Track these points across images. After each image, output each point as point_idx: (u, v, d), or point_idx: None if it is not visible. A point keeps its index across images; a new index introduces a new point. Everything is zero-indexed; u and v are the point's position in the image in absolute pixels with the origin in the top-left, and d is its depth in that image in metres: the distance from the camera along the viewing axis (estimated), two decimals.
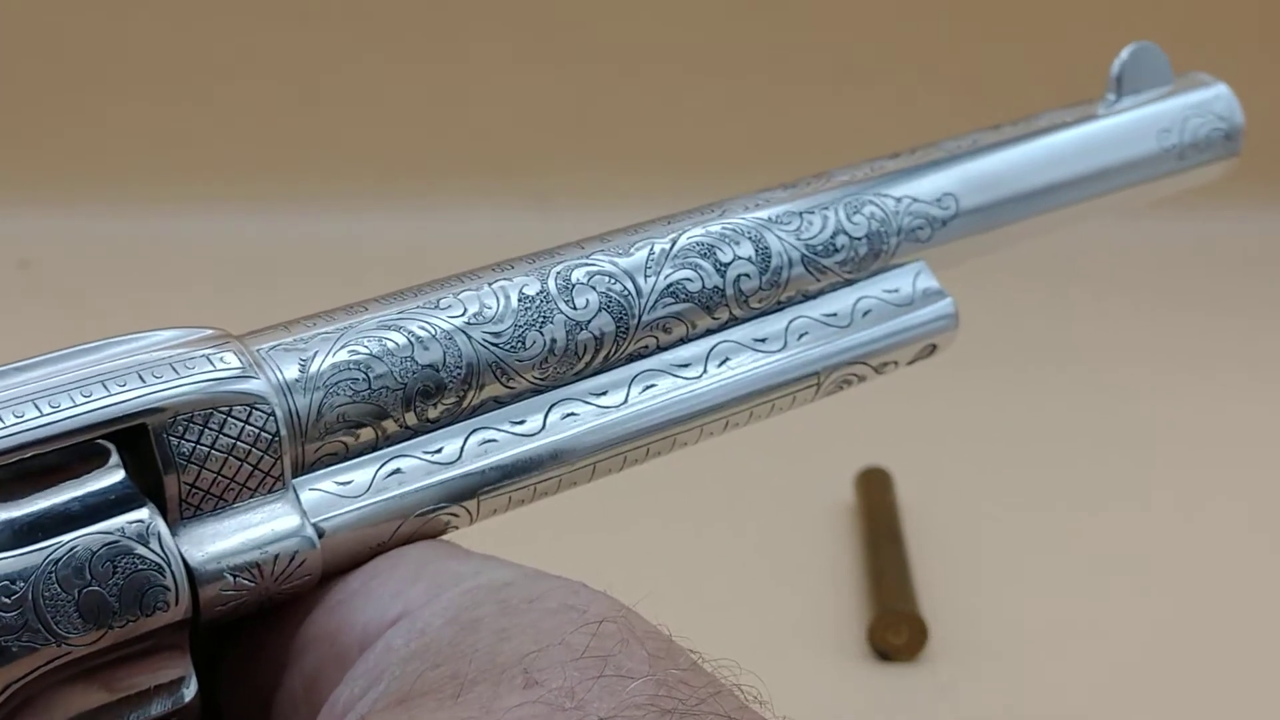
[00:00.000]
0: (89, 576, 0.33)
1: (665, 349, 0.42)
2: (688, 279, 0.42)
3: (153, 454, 0.34)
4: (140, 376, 0.34)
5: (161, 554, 0.33)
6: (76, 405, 0.34)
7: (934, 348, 0.46)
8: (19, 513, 0.33)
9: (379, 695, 0.33)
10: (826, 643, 0.33)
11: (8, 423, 0.33)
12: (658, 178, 1.14)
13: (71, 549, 0.32)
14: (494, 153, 1.17)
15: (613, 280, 0.41)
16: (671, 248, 0.42)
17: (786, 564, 0.41)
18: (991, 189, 0.47)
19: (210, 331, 0.36)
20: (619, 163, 1.17)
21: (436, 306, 0.39)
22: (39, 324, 1.00)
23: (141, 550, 0.33)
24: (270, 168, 1.17)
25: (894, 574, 0.74)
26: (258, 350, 0.37)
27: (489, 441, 0.39)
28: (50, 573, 0.32)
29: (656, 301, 0.41)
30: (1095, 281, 1.11)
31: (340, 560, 0.36)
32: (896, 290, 0.45)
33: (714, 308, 0.42)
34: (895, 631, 0.69)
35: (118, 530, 0.33)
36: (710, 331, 0.42)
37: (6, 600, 0.32)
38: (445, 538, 0.39)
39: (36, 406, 0.33)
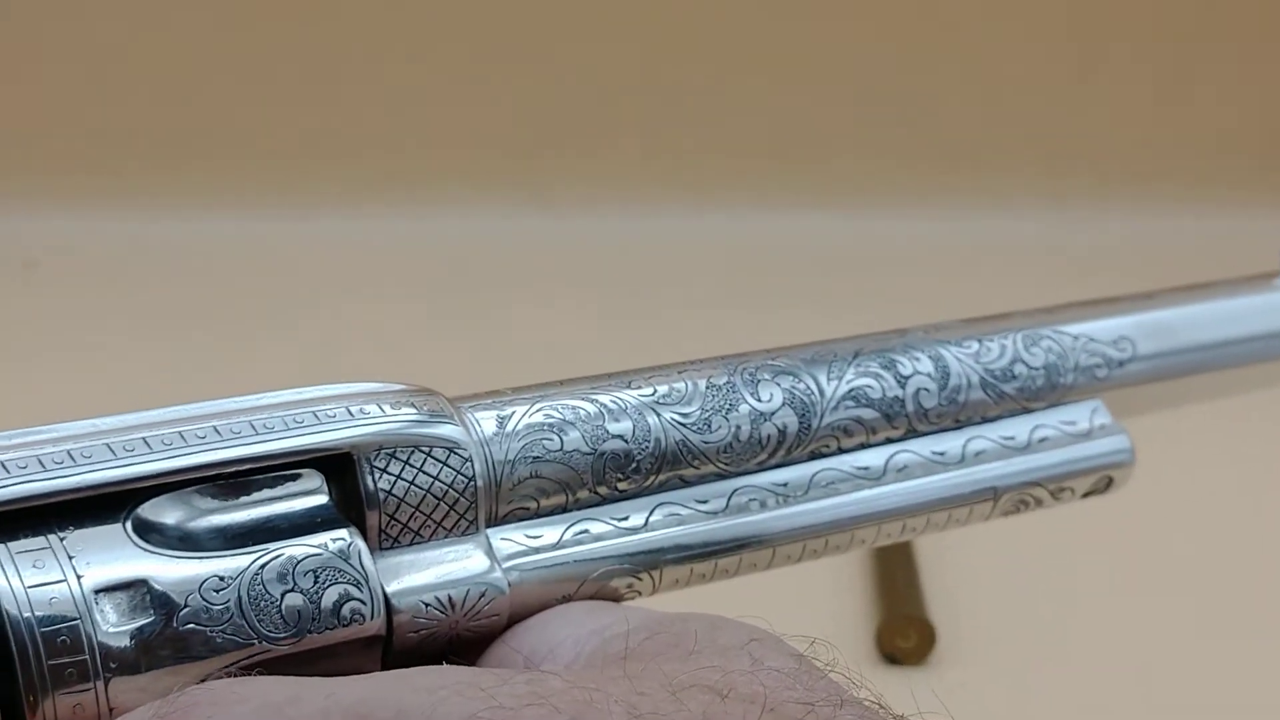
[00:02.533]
0: (292, 583, 0.34)
1: (845, 451, 0.42)
2: (869, 385, 0.43)
3: (357, 486, 0.36)
4: (349, 411, 0.36)
5: (360, 571, 0.35)
6: (289, 430, 0.36)
7: (1110, 480, 0.46)
8: (232, 519, 0.34)
9: (582, 659, 0.34)
10: (832, 643, 0.33)
11: (225, 440, 0.35)
12: (650, 177, 1.17)
13: (277, 556, 0.34)
14: (495, 154, 1.17)
15: (796, 379, 0.42)
16: (853, 357, 0.43)
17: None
18: (1168, 337, 0.48)
19: (416, 385, 0.38)
20: (614, 163, 1.17)
21: (628, 386, 0.41)
22: (42, 322, 1.02)
23: (342, 565, 0.35)
24: (270, 170, 1.16)
25: (902, 577, 0.74)
26: (459, 405, 0.38)
27: (674, 515, 0.40)
28: (257, 576, 0.34)
29: (839, 404, 0.42)
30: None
31: (525, 609, 0.37)
32: (1073, 423, 0.46)
33: (893, 417, 0.43)
34: (904, 635, 0.70)
35: (321, 545, 0.35)
36: (890, 441, 0.43)
37: (215, 595, 0.33)
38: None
39: (253, 427, 0.35)
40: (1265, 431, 0.84)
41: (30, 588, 0.32)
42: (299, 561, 0.34)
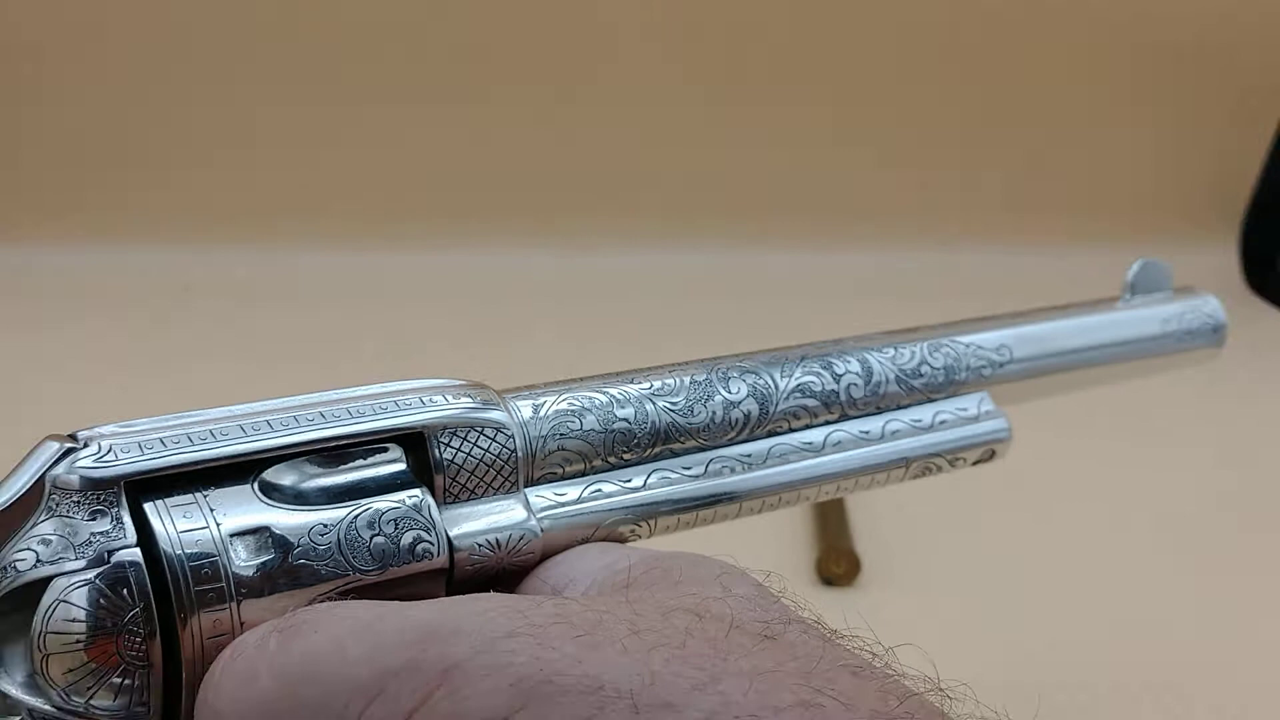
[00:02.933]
0: (378, 529, 0.34)
1: (794, 431, 0.42)
2: (812, 381, 0.43)
3: (427, 456, 0.36)
4: (422, 400, 0.37)
5: (430, 520, 0.35)
6: (377, 414, 0.36)
7: (994, 452, 0.46)
8: (333, 481, 0.35)
9: (594, 590, 0.34)
10: (782, 573, 0.33)
11: (329, 422, 0.35)
12: (662, 223, 1.15)
13: (367, 509, 0.34)
14: (526, 200, 1.14)
15: (758, 376, 0.42)
16: (800, 360, 0.43)
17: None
18: (1037, 344, 0.48)
19: (472, 381, 0.38)
20: (630, 209, 1.15)
21: (631, 381, 0.41)
22: (196, 332, 1.02)
23: (416, 516, 0.35)
24: (359, 222, 1.14)
25: (834, 520, 0.73)
26: (504, 395, 0.39)
27: (665, 479, 0.40)
28: (352, 524, 0.34)
29: (789, 395, 0.42)
30: None
31: (554, 549, 0.37)
32: (965, 410, 0.45)
33: (830, 405, 0.43)
34: (836, 564, 0.69)
35: (400, 501, 0.35)
36: (828, 423, 0.43)
37: (320, 538, 0.33)
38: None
39: (349, 412, 0.36)
40: (1110, 414, 0.84)
41: (181, 532, 0.32)
42: (383, 513, 0.35)
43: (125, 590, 0.31)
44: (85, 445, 0.33)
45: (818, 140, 1.15)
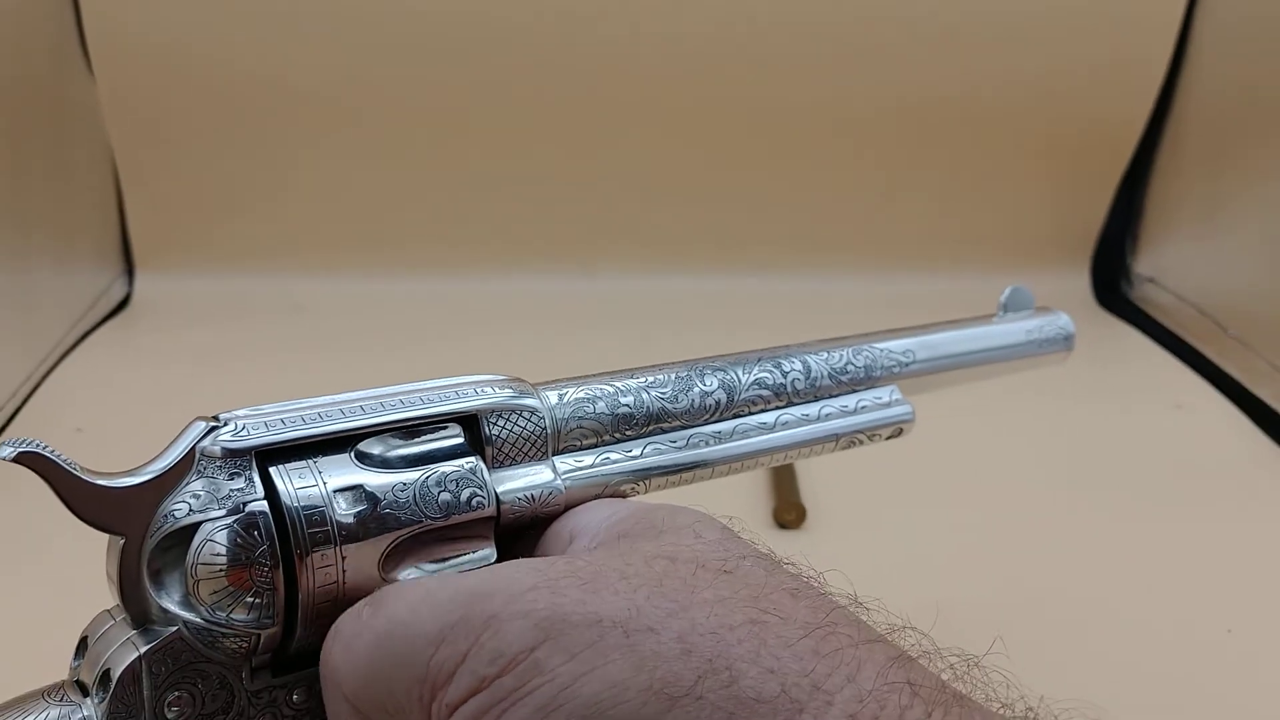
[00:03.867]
0: (444, 487, 0.34)
1: (753, 414, 0.43)
2: (766, 376, 0.43)
3: (480, 432, 0.37)
4: (476, 390, 0.37)
5: (482, 480, 0.35)
6: (442, 401, 0.36)
7: (901, 431, 0.46)
8: (410, 451, 0.35)
9: (592, 544, 0.34)
10: (745, 520, 0.34)
11: (406, 406, 0.36)
12: (675, 254, 1.13)
13: (436, 471, 0.35)
14: (550, 231, 1.12)
15: (725, 373, 0.42)
16: (757, 360, 0.44)
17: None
18: (933, 350, 0.48)
19: (513, 376, 0.39)
20: (646, 241, 1.13)
21: (631, 377, 0.41)
22: (310, 353, 0.99)
23: (472, 477, 0.35)
24: (427, 252, 1.12)
25: (786, 479, 0.73)
26: (537, 387, 0.39)
27: (657, 449, 0.40)
28: (424, 482, 0.34)
29: (749, 387, 0.42)
30: None
31: (574, 502, 0.38)
32: (880, 399, 0.46)
33: (779, 394, 0.43)
34: (787, 513, 0.69)
35: (460, 466, 0.35)
36: (778, 408, 0.43)
37: (401, 493, 0.34)
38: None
39: (421, 399, 0.36)
40: (993, 402, 0.84)
41: (297, 489, 0.32)
42: (448, 475, 0.35)
43: (256, 532, 0.32)
44: (225, 424, 0.33)
45: (782, 190, 1.14)
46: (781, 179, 1.14)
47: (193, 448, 0.33)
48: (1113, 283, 1.20)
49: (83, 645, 0.33)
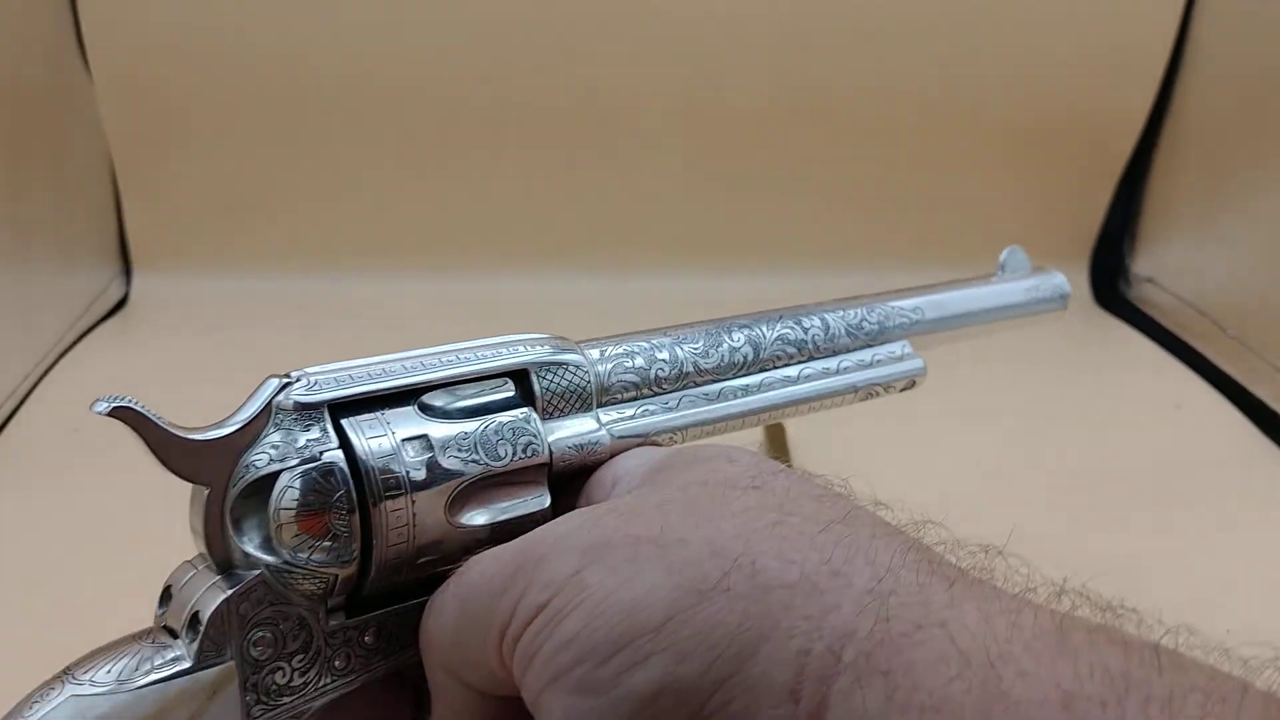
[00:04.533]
0: (502, 436, 0.37)
1: (777, 368, 0.45)
2: (788, 332, 0.46)
3: (531, 386, 0.39)
4: (525, 347, 0.39)
5: (536, 430, 0.38)
6: (495, 357, 0.39)
7: (914, 383, 0.49)
8: (469, 403, 0.37)
9: (637, 480, 0.37)
10: None
11: (463, 362, 0.38)
12: (676, 254, 1.15)
13: (493, 422, 0.37)
14: (552, 231, 1.13)
15: (750, 329, 0.45)
16: (779, 317, 0.46)
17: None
18: (941, 309, 0.51)
19: (559, 335, 0.42)
20: (647, 241, 1.14)
21: (664, 334, 0.44)
22: (309, 353, 1.01)
23: (526, 427, 0.38)
24: (444, 254, 1.13)
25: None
26: (579, 344, 0.42)
27: (690, 401, 0.43)
28: (483, 431, 0.37)
29: (773, 343, 0.45)
30: None
31: (617, 450, 0.40)
32: (894, 353, 0.48)
33: (801, 349, 0.46)
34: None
35: (514, 416, 0.38)
36: (800, 362, 0.46)
37: (463, 442, 0.36)
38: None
39: (476, 355, 0.39)
40: (990, 399, 0.86)
41: (368, 439, 0.35)
42: (505, 424, 0.37)
43: (332, 479, 0.34)
44: (297, 380, 0.35)
45: (780, 190, 1.16)
46: (780, 179, 1.15)
47: (269, 403, 0.35)
48: (1111, 283, 1.23)
49: (167, 594, 0.35)
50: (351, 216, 1.12)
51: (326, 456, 0.34)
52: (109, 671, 0.33)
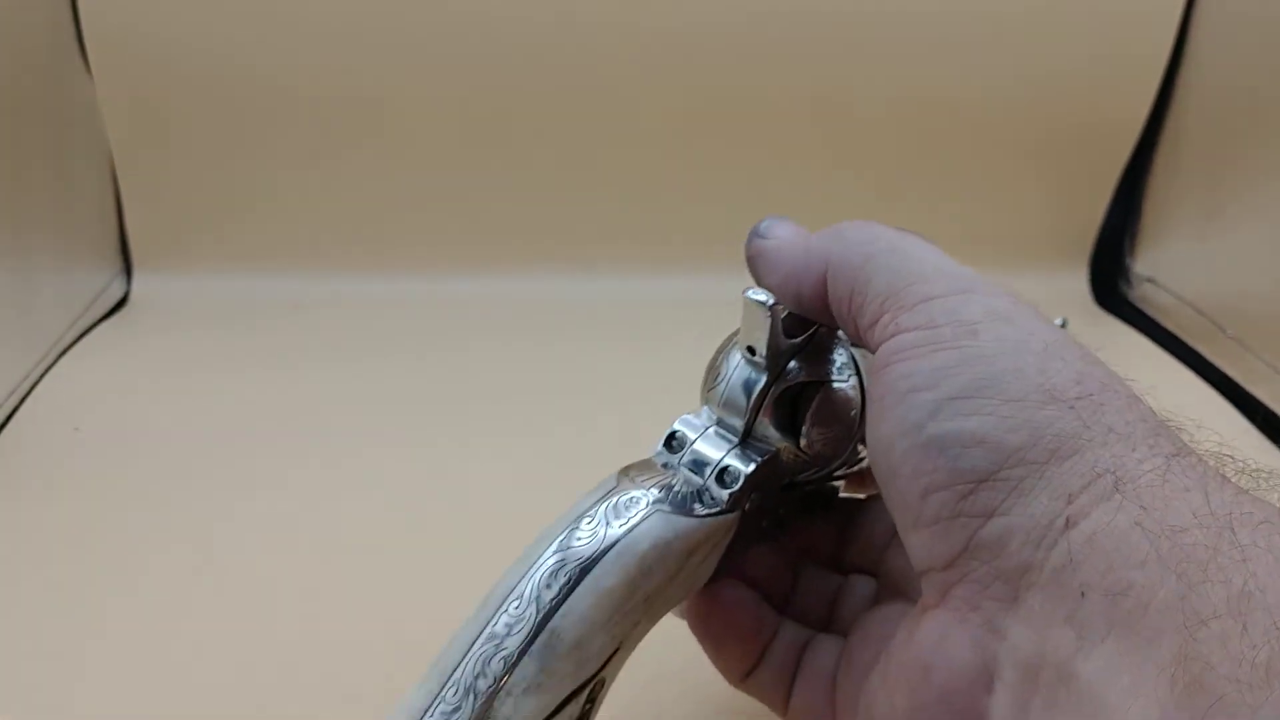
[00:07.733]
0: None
1: None
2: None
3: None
4: None
5: None
6: None
7: None
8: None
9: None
10: None
11: None
12: (673, 252, 1.14)
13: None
14: (553, 232, 1.12)
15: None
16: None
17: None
18: None
19: None
20: (645, 240, 1.13)
21: None
22: (309, 352, 0.99)
23: None
24: (434, 253, 1.13)
25: None
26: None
27: None
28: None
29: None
30: None
31: None
32: None
33: None
34: None
35: None
36: None
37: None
38: None
39: None
40: None
41: None
42: None
43: (853, 410, 0.41)
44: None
45: (780, 191, 1.15)
46: (779, 179, 1.15)
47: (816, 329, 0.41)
48: (1111, 283, 1.22)
49: (672, 438, 0.39)
50: (353, 217, 1.13)
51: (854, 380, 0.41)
52: (659, 490, 0.37)
